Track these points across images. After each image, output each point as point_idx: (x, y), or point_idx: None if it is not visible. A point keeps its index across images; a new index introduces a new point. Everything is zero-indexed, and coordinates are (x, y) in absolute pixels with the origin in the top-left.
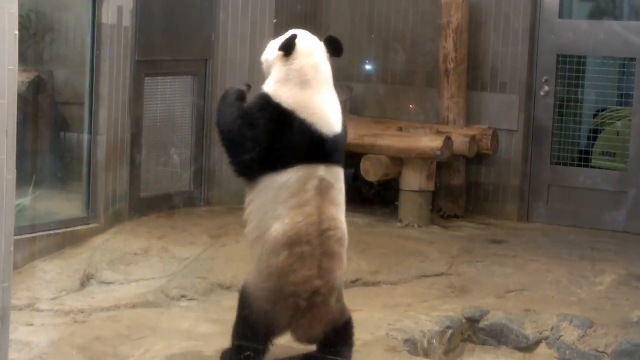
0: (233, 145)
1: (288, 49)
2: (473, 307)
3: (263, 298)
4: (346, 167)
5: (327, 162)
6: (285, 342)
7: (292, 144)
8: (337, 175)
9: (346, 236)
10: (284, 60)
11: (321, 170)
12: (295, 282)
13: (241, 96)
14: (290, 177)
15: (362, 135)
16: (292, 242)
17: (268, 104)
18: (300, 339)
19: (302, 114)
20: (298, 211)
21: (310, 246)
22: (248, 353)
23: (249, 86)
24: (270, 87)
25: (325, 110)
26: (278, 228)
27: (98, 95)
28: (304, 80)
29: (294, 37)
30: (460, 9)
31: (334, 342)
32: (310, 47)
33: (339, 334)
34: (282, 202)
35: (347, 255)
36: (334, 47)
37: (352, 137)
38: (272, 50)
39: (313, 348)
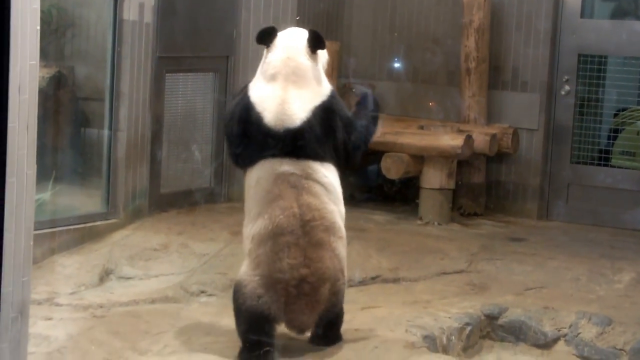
0: (226, 136)
1: (259, 38)
2: (492, 304)
3: (255, 285)
4: (367, 164)
5: (290, 156)
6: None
7: (255, 137)
8: (308, 167)
9: (338, 225)
10: (265, 53)
11: (285, 165)
12: (282, 269)
13: (240, 91)
14: (259, 174)
15: (383, 133)
16: (275, 234)
17: (243, 97)
18: (292, 327)
19: (259, 107)
20: (274, 205)
21: (294, 236)
22: (259, 350)
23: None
24: (252, 82)
25: (280, 105)
26: (260, 223)
27: (119, 91)
28: (271, 73)
29: (270, 28)
30: (482, 8)
31: (324, 323)
32: (286, 41)
33: (331, 316)
34: (260, 199)
35: (368, 252)
36: (314, 42)
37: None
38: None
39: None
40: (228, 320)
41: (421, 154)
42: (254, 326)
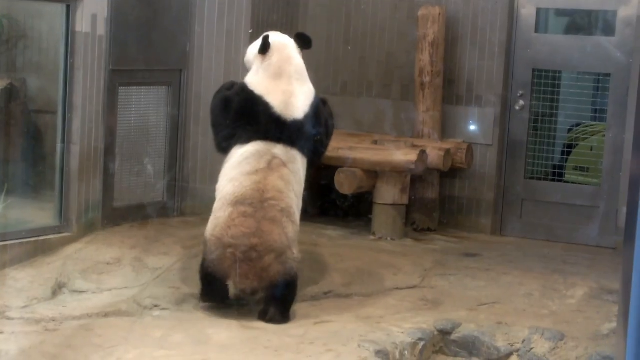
0: (214, 124)
1: (264, 49)
2: (445, 319)
3: (211, 244)
4: (321, 179)
5: (283, 142)
6: None
7: (256, 122)
8: (292, 157)
9: (293, 210)
10: (261, 58)
11: (276, 149)
12: (234, 235)
13: (230, 87)
14: (248, 149)
15: (336, 148)
16: (237, 202)
17: (243, 90)
18: (241, 289)
19: (267, 97)
20: (247, 177)
21: (252, 208)
22: (210, 295)
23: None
24: (248, 77)
25: (289, 98)
26: (230, 188)
27: (71, 104)
28: (276, 72)
29: (266, 37)
30: (436, 22)
31: (273, 297)
32: (282, 43)
33: (279, 291)
34: (238, 168)
35: (321, 267)
36: (303, 42)
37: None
38: (250, 53)
39: None
40: (181, 334)
41: (374, 169)
42: (208, 278)
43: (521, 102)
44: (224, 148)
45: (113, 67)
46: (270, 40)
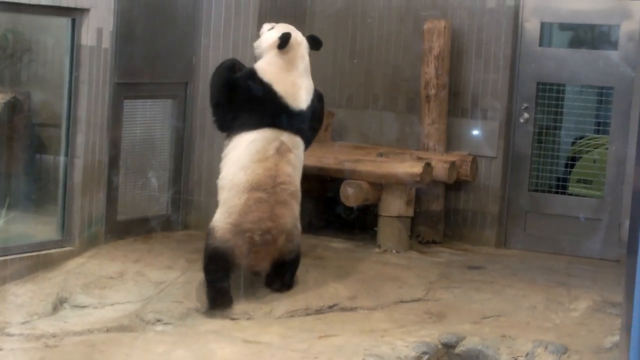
0: (218, 104)
1: (284, 44)
2: (449, 332)
3: (226, 230)
4: (326, 191)
5: (289, 129)
6: None
7: (265, 109)
8: (296, 143)
9: (299, 192)
10: (277, 50)
11: (283, 136)
12: (252, 220)
13: (233, 67)
14: (257, 136)
15: (342, 160)
16: (251, 188)
17: (253, 76)
18: (252, 268)
19: (277, 87)
20: (259, 164)
21: (266, 193)
22: (216, 283)
23: (242, 64)
24: (259, 65)
25: (297, 90)
26: (242, 176)
27: (76, 117)
28: (288, 66)
29: (288, 35)
30: (442, 36)
31: (279, 272)
32: (298, 41)
33: (284, 266)
34: (249, 155)
35: (325, 280)
36: (315, 43)
37: (332, 163)
38: (265, 42)
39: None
40: (184, 349)
41: (380, 181)
42: (216, 265)
43: (525, 115)
44: (226, 127)
45: (118, 80)
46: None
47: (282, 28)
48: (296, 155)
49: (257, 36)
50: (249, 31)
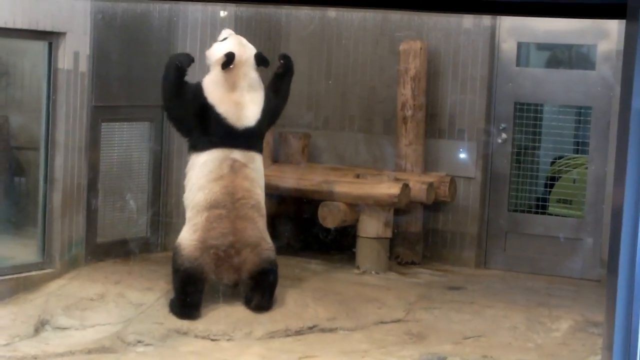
0: (171, 117)
1: (227, 65)
2: (430, 353)
3: (193, 248)
4: (304, 213)
5: (239, 148)
6: None
7: (212, 131)
8: (250, 158)
9: (261, 205)
10: (220, 68)
11: (234, 154)
12: (214, 236)
13: (180, 71)
14: (208, 157)
15: (319, 182)
16: (211, 206)
17: (199, 95)
18: (223, 282)
19: (220, 109)
20: (215, 183)
21: (226, 209)
22: (188, 301)
23: (191, 59)
24: (206, 82)
25: (241, 109)
26: (201, 196)
27: (54, 140)
28: (232, 85)
29: (232, 55)
30: (418, 57)
31: (256, 290)
32: (242, 60)
33: (261, 285)
34: (204, 176)
35: (305, 302)
36: (261, 60)
37: (309, 184)
38: (213, 54)
39: None
40: None
41: (358, 202)
42: (188, 282)
43: (503, 135)
44: (184, 136)
45: (95, 104)
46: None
47: (233, 41)
48: (253, 169)
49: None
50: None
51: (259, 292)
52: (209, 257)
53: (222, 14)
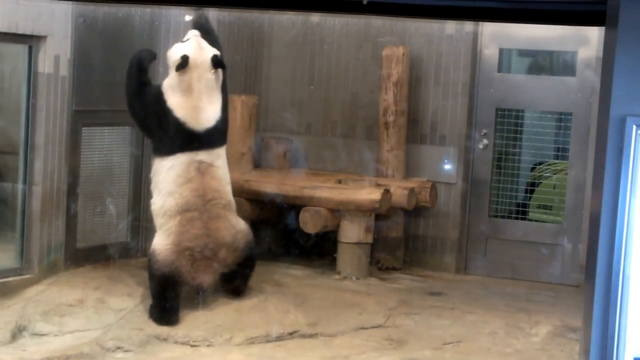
0: (133, 116)
1: (181, 67)
2: (410, 358)
3: (168, 252)
4: (285, 218)
5: (202, 149)
6: None
7: (173, 136)
8: (215, 155)
9: (232, 202)
10: (176, 70)
11: (199, 155)
12: (189, 238)
13: (142, 67)
14: (173, 162)
15: (301, 187)
16: (182, 210)
17: (160, 99)
18: (199, 284)
19: (178, 113)
20: (184, 187)
21: (198, 212)
22: (167, 306)
23: (153, 55)
24: (165, 86)
25: (199, 112)
26: (171, 201)
27: (33, 145)
28: (188, 88)
29: (185, 58)
30: (400, 62)
31: (233, 272)
32: (196, 63)
33: (236, 268)
34: (172, 181)
35: (285, 307)
36: (216, 63)
37: (291, 189)
38: (172, 56)
39: None
40: None
41: (339, 208)
42: (165, 287)
43: (484, 141)
44: (141, 129)
45: (76, 108)
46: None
47: (192, 44)
48: (219, 166)
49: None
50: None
51: (237, 277)
52: (184, 259)
53: (187, 18)
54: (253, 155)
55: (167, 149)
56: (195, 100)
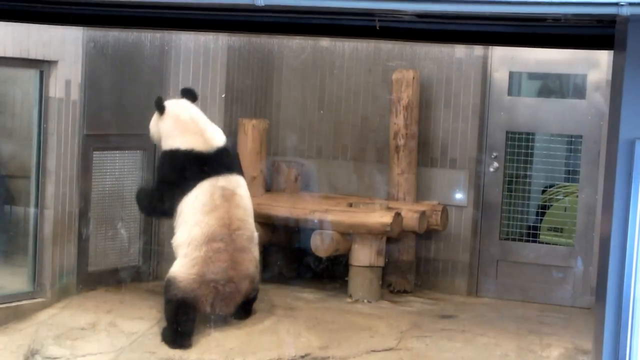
0: (153, 211)
1: (160, 108)
2: None
3: (191, 281)
4: (297, 242)
5: (220, 173)
6: None
7: (190, 168)
8: (235, 183)
9: (255, 234)
10: (162, 121)
11: (220, 181)
12: (214, 270)
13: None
14: (198, 191)
15: (312, 210)
16: (209, 240)
17: (164, 155)
18: (216, 313)
19: (183, 146)
20: (211, 215)
21: (224, 242)
22: (181, 327)
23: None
24: (164, 145)
25: (203, 134)
26: (197, 231)
27: (45, 169)
28: (181, 128)
29: (160, 99)
30: (410, 86)
31: (243, 308)
32: (172, 105)
33: (247, 300)
34: (198, 211)
35: (297, 330)
36: (189, 96)
37: (302, 213)
38: (152, 127)
39: None
40: None
41: (350, 231)
42: (181, 312)
43: (495, 164)
44: (170, 216)
45: (87, 132)
46: (166, 103)
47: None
48: (242, 195)
49: (223, 99)
50: (217, 83)
51: (244, 306)
52: (207, 289)
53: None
54: (264, 179)
55: (190, 184)
56: (193, 128)
